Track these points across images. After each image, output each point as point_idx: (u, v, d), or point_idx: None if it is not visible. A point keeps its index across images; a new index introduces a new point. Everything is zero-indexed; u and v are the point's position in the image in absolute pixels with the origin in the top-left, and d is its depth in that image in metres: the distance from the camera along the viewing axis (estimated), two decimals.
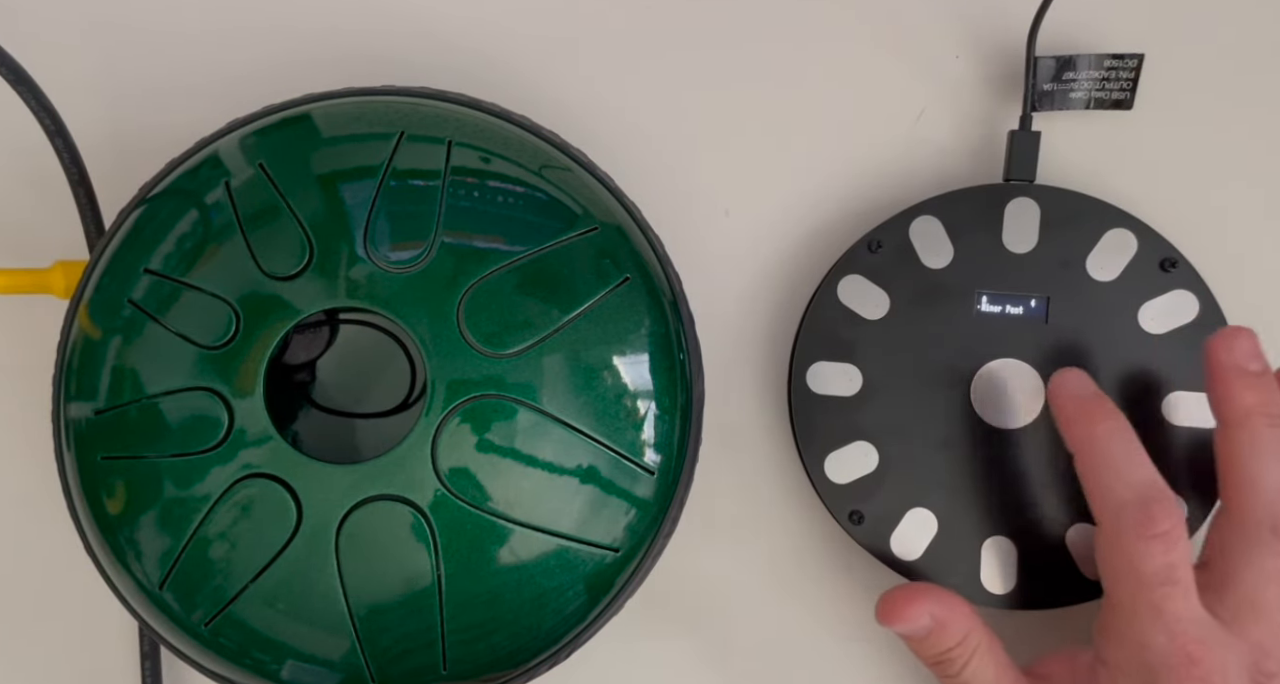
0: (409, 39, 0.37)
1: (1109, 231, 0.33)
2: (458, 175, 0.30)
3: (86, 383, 0.30)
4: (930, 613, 0.31)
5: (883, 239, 0.34)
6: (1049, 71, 0.35)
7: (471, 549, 0.29)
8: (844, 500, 0.34)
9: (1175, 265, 0.33)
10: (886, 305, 0.34)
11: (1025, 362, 0.33)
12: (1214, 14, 0.36)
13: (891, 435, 0.34)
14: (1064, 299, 0.33)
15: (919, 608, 0.31)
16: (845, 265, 0.34)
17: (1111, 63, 0.34)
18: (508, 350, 0.29)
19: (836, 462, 0.34)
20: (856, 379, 0.34)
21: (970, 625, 0.31)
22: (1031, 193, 0.34)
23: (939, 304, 0.34)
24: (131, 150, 0.36)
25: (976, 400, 0.34)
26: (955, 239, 0.34)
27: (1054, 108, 0.35)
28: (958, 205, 0.34)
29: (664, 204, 0.34)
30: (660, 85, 0.37)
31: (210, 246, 0.30)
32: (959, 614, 0.31)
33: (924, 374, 0.34)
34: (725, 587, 0.36)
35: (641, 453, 0.30)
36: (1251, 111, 0.35)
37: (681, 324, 0.32)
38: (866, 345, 0.34)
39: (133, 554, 0.30)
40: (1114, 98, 0.34)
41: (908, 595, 0.31)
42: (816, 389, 0.34)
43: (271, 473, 0.29)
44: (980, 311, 0.34)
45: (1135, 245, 0.33)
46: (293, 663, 0.30)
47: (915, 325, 0.34)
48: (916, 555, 0.33)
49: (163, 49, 0.37)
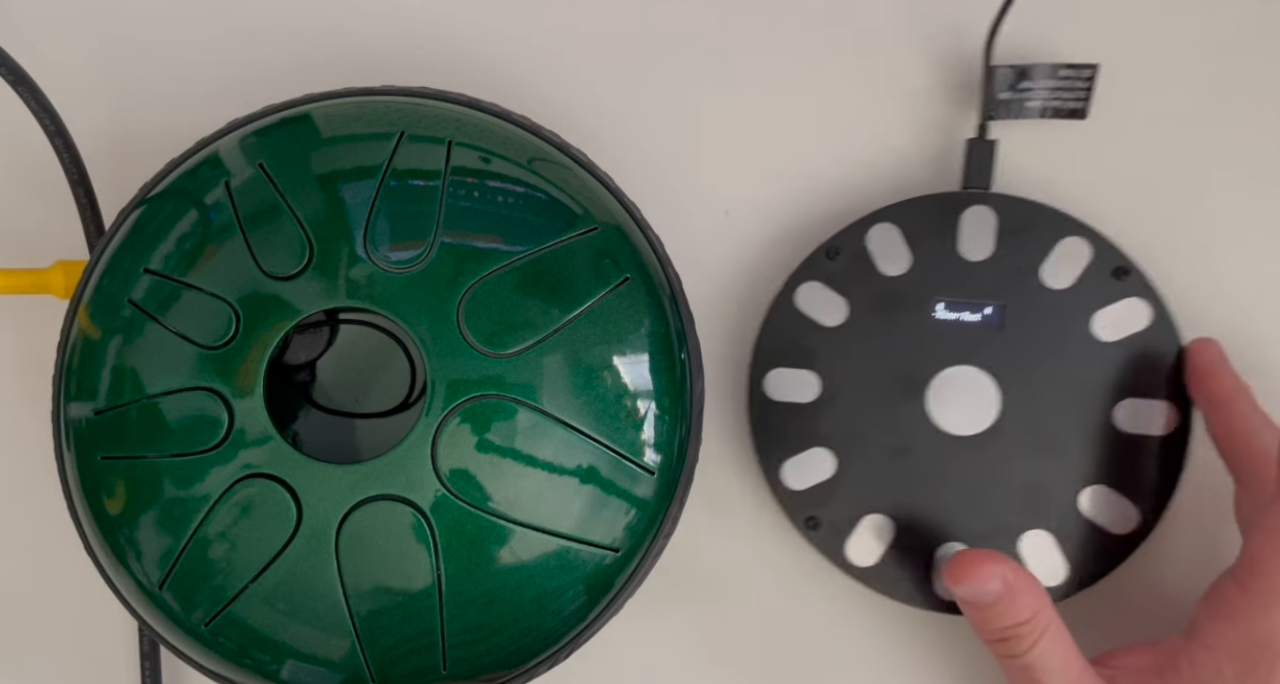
0: (409, 39, 0.37)
1: (1063, 240, 0.34)
2: (458, 175, 0.30)
3: (86, 383, 0.30)
4: (1003, 577, 0.29)
5: (841, 246, 0.34)
6: (1005, 81, 0.35)
7: (472, 549, 0.29)
8: (801, 506, 0.34)
9: (1128, 274, 0.33)
10: (845, 312, 0.34)
11: (981, 368, 0.34)
12: (1168, 26, 0.36)
13: (848, 442, 0.34)
14: (1019, 306, 0.34)
15: (992, 569, 0.29)
16: (804, 272, 0.34)
17: (1067, 72, 0.35)
18: (508, 350, 0.29)
19: (794, 467, 0.34)
20: (814, 386, 0.34)
21: (1043, 602, 0.30)
22: (988, 201, 0.34)
23: (896, 311, 0.34)
24: (131, 150, 0.36)
25: (932, 407, 0.34)
26: (913, 246, 0.34)
27: (1010, 117, 0.35)
28: (915, 213, 0.34)
29: (664, 204, 0.34)
30: (661, 86, 0.37)
31: (210, 246, 0.30)
32: (1033, 587, 0.30)
33: (881, 381, 0.34)
34: (681, 592, 0.36)
35: (641, 453, 0.30)
36: (1203, 123, 0.36)
37: (681, 324, 0.32)
38: (824, 352, 0.34)
39: (133, 554, 0.30)
40: (1069, 107, 0.35)
41: (981, 555, 0.30)
42: (775, 395, 0.34)
43: (271, 473, 0.29)
44: (937, 319, 0.34)
45: (1089, 254, 0.34)
46: (292, 663, 0.30)
47: (873, 332, 0.34)
48: (872, 562, 0.33)
49: (163, 49, 0.37)
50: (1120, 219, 0.34)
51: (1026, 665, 0.30)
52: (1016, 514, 0.33)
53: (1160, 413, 0.33)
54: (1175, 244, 0.35)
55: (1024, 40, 0.35)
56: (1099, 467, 0.33)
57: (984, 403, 0.34)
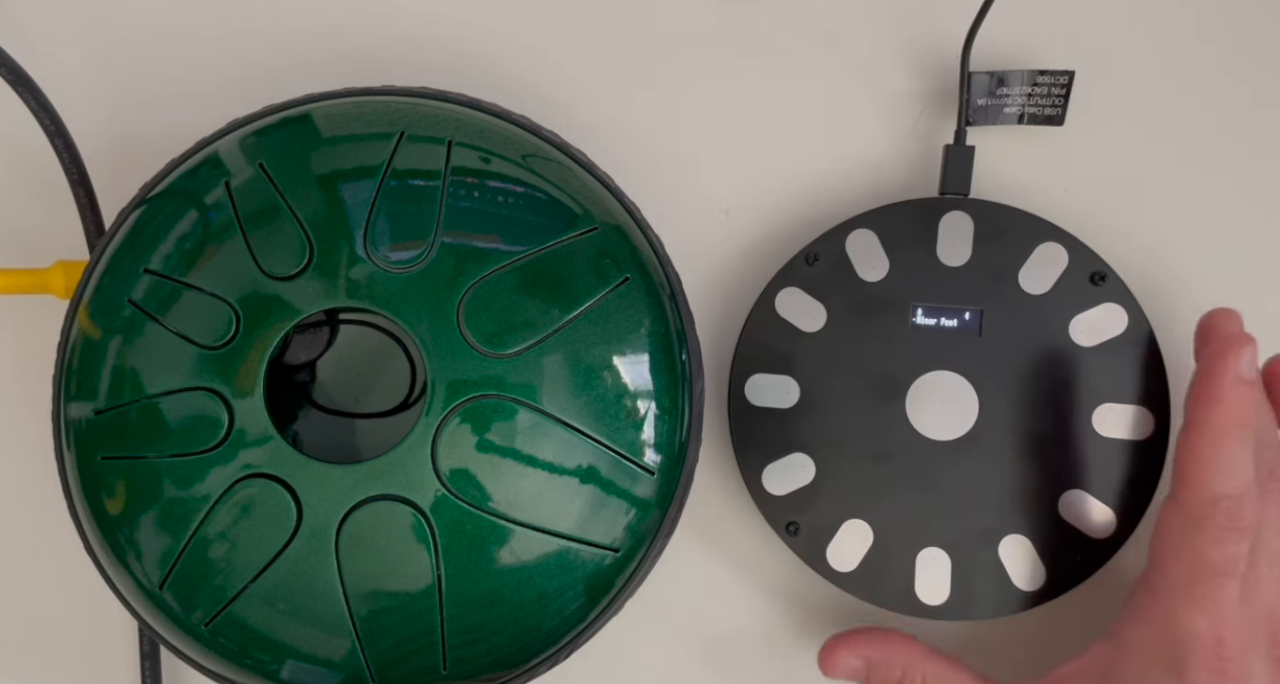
0: (409, 39, 0.37)
1: (1041, 245, 0.34)
2: (458, 175, 0.30)
3: (86, 383, 0.30)
4: (863, 655, 0.32)
5: (820, 252, 0.34)
6: (983, 87, 0.35)
7: (472, 549, 0.29)
8: (781, 511, 0.34)
9: (1105, 279, 0.33)
10: (823, 318, 0.34)
11: (959, 374, 0.34)
12: (1144, 33, 0.36)
13: (828, 447, 0.34)
14: (997, 312, 0.34)
15: (847, 653, 0.32)
16: (783, 278, 0.34)
17: (1042, 79, 0.35)
18: (508, 350, 0.29)
19: (774, 473, 0.34)
20: (794, 391, 0.34)
21: (910, 657, 0.32)
22: (966, 207, 0.34)
23: (875, 317, 0.34)
24: (131, 150, 0.36)
25: (912, 412, 0.34)
26: (891, 252, 0.34)
27: (988, 122, 0.35)
28: (893, 219, 0.34)
29: (664, 204, 0.34)
30: (661, 86, 0.37)
31: (210, 246, 0.30)
32: (895, 649, 0.32)
33: (860, 386, 0.34)
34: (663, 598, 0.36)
35: (641, 453, 0.30)
36: (1179, 129, 0.36)
37: (681, 323, 0.32)
38: (804, 358, 0.34)
39: (133, 554, 0.30)
40: (1046, 113, 0.35)
41: (836, 643, 0.33)
42: (755, 401, 0.34)
43: (272, 473, 0.29)
44: (915, 324, 0.34)
45: (1066, 259, 0.34)
46: (293, 663, 0.30)
47: (852, 338, 0.34)
48: (852, 567, 0.33)
49: (163, 49, 0.37)
50: (1097, 224, 0.35)
51: None
52: (995, 519, 0.33)
53: (1138, 418, 0.33)
54: (1152, 249, 0.35)
55: (1001, 46, 0.36)
56: (1077, 471, 0.33)
57: (963, 408, 0.34)
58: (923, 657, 0.32)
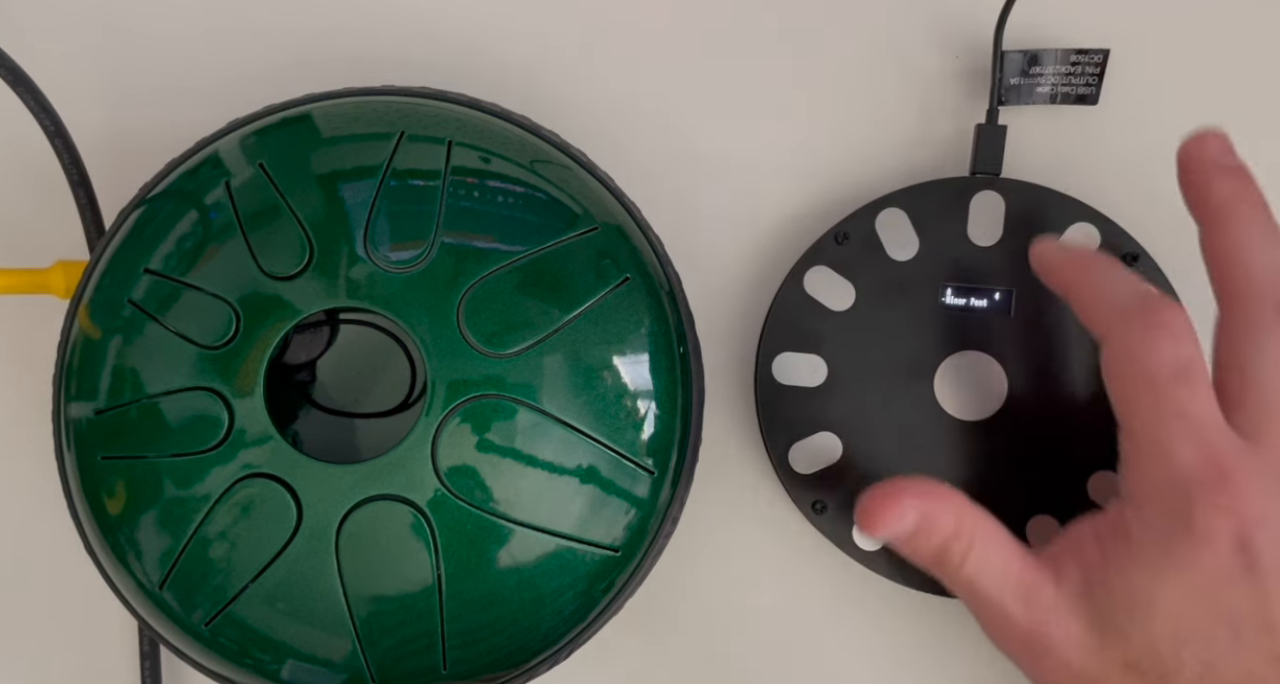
0: (409, 39, 0.37)
1: (1073, 225, 0.34)
2: (458, 175, 0.30)
3: (87, 383, 0.30)
4: (914, 508, 0.28)
5: (849, 231, 0.34)
6: (1016, 66, 0.35)
7: (472, 549, 0.29)
8: (807, 491, 0.34)
9: (1137, 259, 0.33)
10: (852, 297, 0.34)
11: (989, 354, 0.34)
12: (1179, 11, 0.36)
13: (855, 426, 0.34)
14: (1028, 292, 0.33)
15: (900, 505, 0.28)
16: (812, 257, 0.34)
17: (1077, 58, 0.34)
18: (508, 350, 0.29)
19: (801, 452, 0.34)
20: (822, 370, 0.34)
21: (960, 513, 0.29)
22: (997, 186, 0.34)
23: (904, 296, 0.34)
24: (131, 150, 0.36)
25: (940, 392, 0.34)
26: (921, 231, 0.34)
27: (1020, 102, 0.35)
28: (924, 198, 0.34)
29: (664, 204, 0.34)
30: (661, 85, 0.37)
31: (210, 246, 0.30)
32: (945, 503, 0.29)
33: (888, 366, 0.34)
34: (690, 577, 0.36)
35: (641, 453, 0.30)
36: (1213, 108, 0.35)
37: (681, 323, 0.32)
38: (832, 337, 0.34)
39: (133, 554, 0.30)
40: (1079, 93, 0.35)
41: (885, 493, 0.29)
42: (782, 379, 0.34)
43: (272, 473, 0.29)
44: (945, 304, 0.34)
45: (1098, 239, 0.33)
46: (293, 663, 0.30)
47: (880, 317, 0.34)
48: (878, 546, 0.33)
49: (163, 49, 0.37)
50: (1129, 204, 0.34)
51: (968, 579, 0.29)
52: (1023, 499, 0.33)
53: None
54: (1184, 230, 0.35)
55: (1034, 25, 0.35)
56: (1106, 452, 0.33)
57: (992, 388, 0.33)
58: (971, 512, 0.29)
